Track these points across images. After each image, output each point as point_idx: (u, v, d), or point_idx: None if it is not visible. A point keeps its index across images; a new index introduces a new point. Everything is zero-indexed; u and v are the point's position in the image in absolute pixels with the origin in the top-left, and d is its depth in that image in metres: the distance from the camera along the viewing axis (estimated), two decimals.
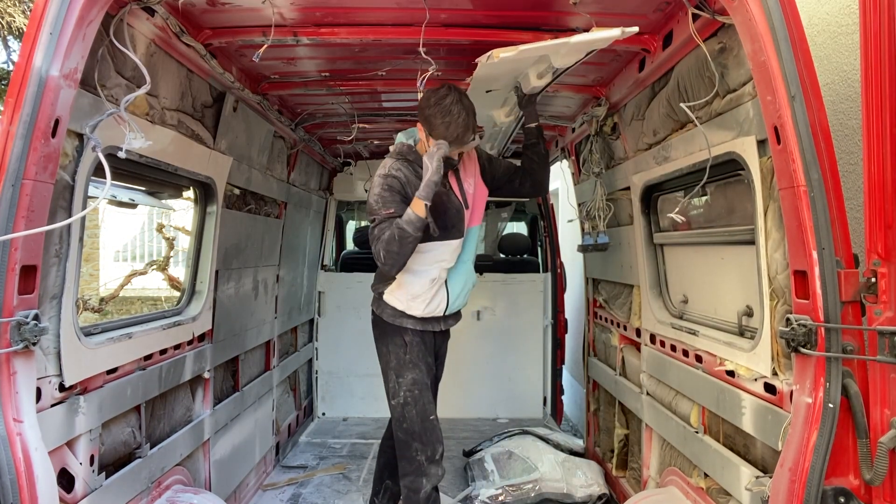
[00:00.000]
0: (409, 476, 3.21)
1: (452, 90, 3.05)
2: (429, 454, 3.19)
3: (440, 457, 3.22)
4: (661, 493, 3.09)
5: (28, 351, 1.88)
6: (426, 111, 3.04)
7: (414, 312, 3.26)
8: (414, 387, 3.24)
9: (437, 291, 3.28)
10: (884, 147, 1.78)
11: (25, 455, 1.79)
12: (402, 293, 3.26)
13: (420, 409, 3.22)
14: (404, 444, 3.24)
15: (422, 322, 3.30)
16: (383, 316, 3.32)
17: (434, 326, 3.37)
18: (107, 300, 8.88)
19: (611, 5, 2.62)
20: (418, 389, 3.24)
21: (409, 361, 3.26)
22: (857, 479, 1.86)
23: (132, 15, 2.32)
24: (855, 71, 2.74)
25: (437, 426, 3.27)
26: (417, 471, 3.18)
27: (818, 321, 1.87)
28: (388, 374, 3.33)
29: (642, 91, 3.24)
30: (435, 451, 3.20)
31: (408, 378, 3.25)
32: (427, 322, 3.32)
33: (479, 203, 3.40)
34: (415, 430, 3.20)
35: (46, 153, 1.89)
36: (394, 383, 3.28)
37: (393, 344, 3.31)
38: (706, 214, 3.13)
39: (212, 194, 3.43)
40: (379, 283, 3.38)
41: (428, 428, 3.22)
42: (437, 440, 3.23)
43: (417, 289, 3.24)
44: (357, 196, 6.33)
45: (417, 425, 3.20)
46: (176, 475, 2.98)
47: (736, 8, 2.05)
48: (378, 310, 3.36)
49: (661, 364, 3.31)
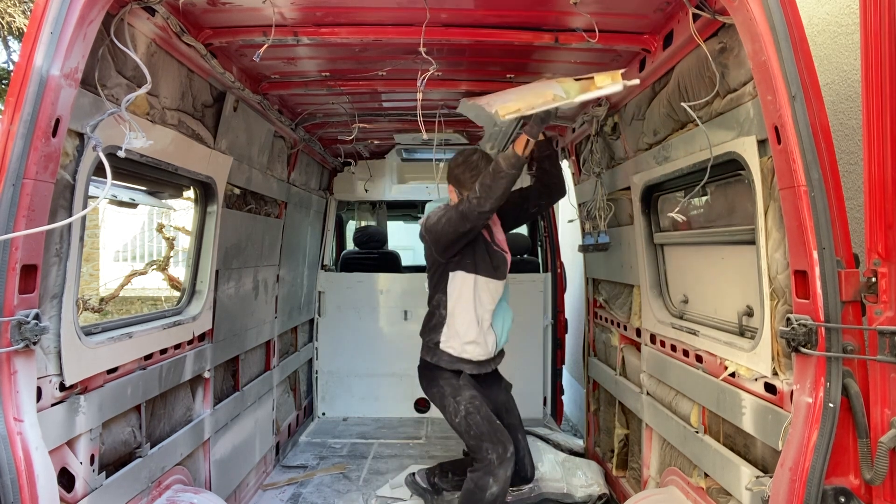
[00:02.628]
0: (478, 472, 3.30)
1: (477, 150, 3.42)
2: (500, 452, 3.27)
3: (511, 455, 3.32)
4: (662, 493, 3.09)
5: (28, 350, 1.88)
6: (455, 170, 3.43)
7: (470, 356, 3.45)
8: (473, 399, 3.39)
9: (487, 334, 3.48)
10: (884, 147, 1.78)
11: (26, 454, 1.79)
12: (457, 341, 3.45)
13: (484, 414, 3.36)
14: (476, 448, 3.34)
15: (477, 366, 3.49)
16: (440, 363, 3.48)
17: (486, 368, 3.55)
18: (107, 300, 8.87)
19: (611, 5, 2.62)
20: (478, 401, 3.38)
21: (463, 386, 3.43)
22: (858, 479, 1.87)
23: (133, 14, 2.32)
24: (855, 71, 2.74)
25: (504, 428, 3.38)
26: (487, 469, 3.27)
27: (818, 321, 1.87)
28: (445, 403, 3.45)
29: (643, 91, 3.24)
30: (506, 450, 3.30)
31: (465, 395, 3.40)
32: (481, 365, 3.51)
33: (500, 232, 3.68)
34: (483, 432, 3.31)
35: (47, 153, 1.89)
36: (453, 406, 3.41)
37: (443, 379, 3.48)
38: (706, 214, 3.13)
39: (212, 194, 3.43)
40: (430, 332, 3.56)
41: (497, 428, 3.34)
42: (507, 440, 3.34)
43: (473, 335, 3.43)
44: (357, 196, 6.33)
45: (485, 427, 3.32)
46: (176, 475, 2.98)
47: (736, 8, 2.05)
48: (433, 358, 3.52)
49: (662, 364, 3.31)
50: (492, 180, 3.01)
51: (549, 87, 2.58)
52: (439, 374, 3.50)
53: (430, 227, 3.38)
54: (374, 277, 6.23)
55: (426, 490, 3.94)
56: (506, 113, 2.40)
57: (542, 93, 2.48)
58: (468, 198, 3.12)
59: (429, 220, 3.43)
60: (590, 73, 2.69)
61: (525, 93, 2.64)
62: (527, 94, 2.52)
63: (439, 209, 3.44)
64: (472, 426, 3.33)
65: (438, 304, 3.53)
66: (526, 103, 2.40)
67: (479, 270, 3.42)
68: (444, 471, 3.92)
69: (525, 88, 2.88)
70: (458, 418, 3.38)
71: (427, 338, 3.58)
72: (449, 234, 3.28)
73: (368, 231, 7.17)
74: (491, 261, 3.47)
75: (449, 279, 3.47)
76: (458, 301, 3.45)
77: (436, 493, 3.93)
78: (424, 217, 3.53)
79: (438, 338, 3.49)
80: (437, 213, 3.41)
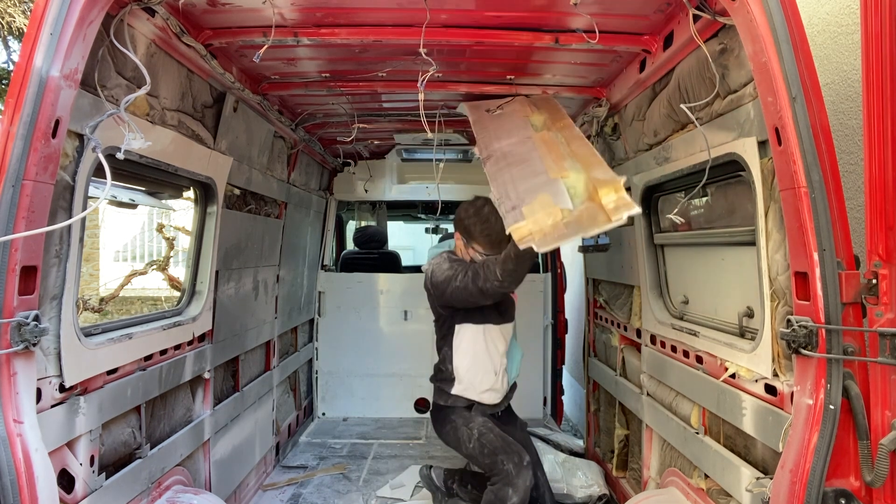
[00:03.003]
0: (497, 484, 3.26)
1: (488, 202, 3.33)
2: (515, 461, 3.25)
3: (528, 464, 3.29)
4: (662, 493, 3.09)
5: (28, 351, 1.88)
6: (465, 221, 3.41)
7: (486, 401, 3.49)
8: (485, 423, 3.42)
9: (500, 379, 3.52)
10: (885, 147, 1.78)
11: (25, 456, 1.78)
12: (472, 392, 3.47)
13: (497, 433, 3.37)
14: (491, 465, 3.30)
15: (493, 407, 3.53)
16: (456, 405, 3.48)
17: (500, 408, 3.59)
18: (107, 300, 8.86)
19: (611, 6, 2.62)
20: (490, 424, 3.42)
21: (474, 415, 3.45)
22: (858, 481, 1.86)
23: (132, 15, 2.32)
24: (855, 71, 2.74)
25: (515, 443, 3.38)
26: (505, 479, 3.23)
27: (819, 322, 1.87)
28: (459, 434, 3.44)
29: (643, 92, 3.24)
30: (521, 459, 3.27)
31: (477, 421, 3.42)
32: (496, 406, 3.55)
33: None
34: (496, 447, 3.30)
35: (47, 154, 1.89)
36: (466, 434, 3.41)
37: (455, 414, 3.48)
38: (707, 215, 3.13)
39: (212, 194, 3.43)
40: (441, 382, 3.56)
41: (509, 442, 3.35)
42: (521, 450, 3.33)
43: (489, 384, 3.47)
44: (357, 196, 6.33)
45: (498, 442, 3.32)
46: (176, 475, 2.98)
47: (737, 9, 2.05)
48: (447, 402, 3.51)
49: (662, 365, 3.31)
50: (515, 265, 2.91)
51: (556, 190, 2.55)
52: (451, 412, 3.50)
53: (438, 285, 3.33)
54: (374, 277, 6.23)
55: (438, 489, 3.92)
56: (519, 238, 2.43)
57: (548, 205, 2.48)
58: (488, 276, 3.04)
59: (434, 275, 3.37)
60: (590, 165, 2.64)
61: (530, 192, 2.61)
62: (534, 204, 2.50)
63: (444, 260, 3.38)
64: (486, 444, 3.32)
65: (444, 359, 3.53)
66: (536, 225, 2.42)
67: (488, 319, 3.42)
68: (465, 481, 3.87)
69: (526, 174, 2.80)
70: (471, 443, 3.36)
71: (438, 385, 3.58)
72: (463, 301, 3.27)
73: (368, 231, 7.17)
74: (498, 308, 3.46)
75: (455, 332, 3.47)
76: (465, 355, 3.46)
77: (448, 495, 3.90)
78: (428, 268, 3.47)
79: (451, 389, 3.50)
80: (441, 266, 3.34)
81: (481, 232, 3.33)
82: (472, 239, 3.38)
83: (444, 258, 3.40)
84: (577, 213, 2.41)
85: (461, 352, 3.46)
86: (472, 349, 3.44)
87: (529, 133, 3.16)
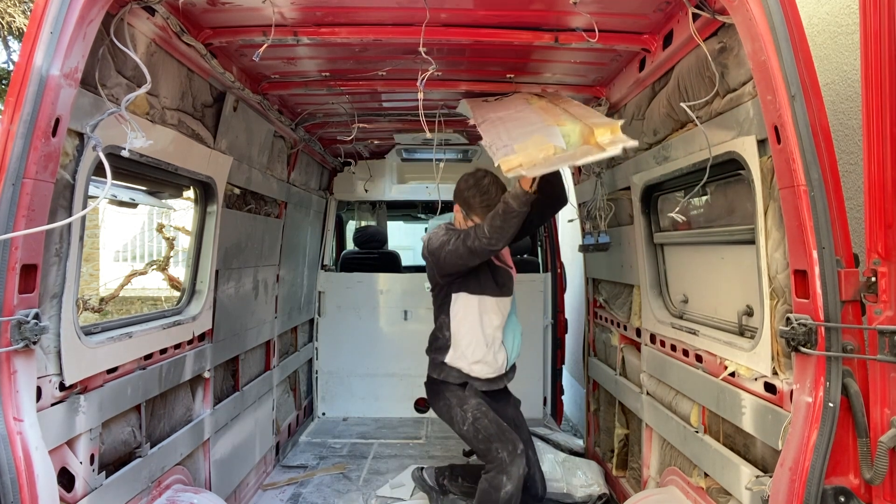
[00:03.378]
0: (491, 472, 3.26)
1: (488, 173, 3.37)
2: (510, 449, 3.25)
3: (521, 452, 3.29)
4: (662, 492, 3.09)
5: (28, 350, 1.88)
6: (465, 192, 3.39)
7: (479, 375, 3.45)
8: (480, 406, 3.39)
9: (495, 353, 3.48)
10: (884, 147, 1.78)
11: (26, 454, 1.79)
12: (464, 361, 3.44)
13: (492, 417, 3.35)
14: (485, 451, 3.31)
15: (486, 383, 3.48)
16: (448, 379, 3.47)
17: (496, 385, 3.53)
18: (107, 300, 8.86)
19: (611, 5, 2.62)
20: (484, 407, 3.39)
21: (469, 395, 3.43)
22: (858, 479, 1.87)
23: (132, 14, 2.32)
24: (855, 71, 2.74)
25: (511, 430, 3.37)
26: (499, 467, 3.23)
27: (818, 320, 1.88)
28: (452, 414, 3.43)
29: (642, 91, 3.24)
30: (516, 447, 3.27)
31: (471, 403, 3.40)
32: (491, 382, 3.50)
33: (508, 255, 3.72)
34: (491, 434, 3.30)
35: (47, 152, 1.89)
36: (459, 415, 3.40)
37: (449, 391, 3.47)
38: (706, 214, 3.13)
39: (212, 194, 3.43)
40: (436, 352, 3.55)
41: (505, 429, 3.33)
42: (516, 438, 3.33)
43: (479, 354, 3.43)
44: (357, 196, 6.33)
45: (493, 429, 3.31)
46: (176, 475, 2.98)
47: (736, 7, 2.05)
48: (440, 374, 3.50)
49: (662, 364, 3.31)
50: (503, 221, 2.97)
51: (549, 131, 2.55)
52: (445, 388, 3.49)
53: (434, 251, 3.36)
54: (374, 277, 6.23)
55: (432, 489, 3.92)
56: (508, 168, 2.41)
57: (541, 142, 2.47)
58: (477, 234, 3.08)
59: (431, 242, 3.40)
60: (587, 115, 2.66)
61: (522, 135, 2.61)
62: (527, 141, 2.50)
63: (441, 230, 3.41)
64: (480, 430, 3.32)
65: (441, 326, 3.54)
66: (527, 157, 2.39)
67: (485, 290, 3.41)
68: (455, 475, 3.89)
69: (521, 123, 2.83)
70: (465, 426, 3.37)
71: (433, 356, 3.58)
72: (454, 265, 3.29)
73: (368, 231, 7.17)
74: (495, 279, 3.46)
75: (452, 300, 3.47)
76: (461, 323, 3.45)
77: (442, 493, 3.91)
78: (426, 237, 3.50)
79: (444, 357, 3.49)
80: (438, 234, 3.38)
81: (480, 203, 3.32)
82: (472, 210, 3.38)
83: (442, 227, 3.45)
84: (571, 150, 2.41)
85: (457, 319, 3.46)
86: (467, 318, 3.43)
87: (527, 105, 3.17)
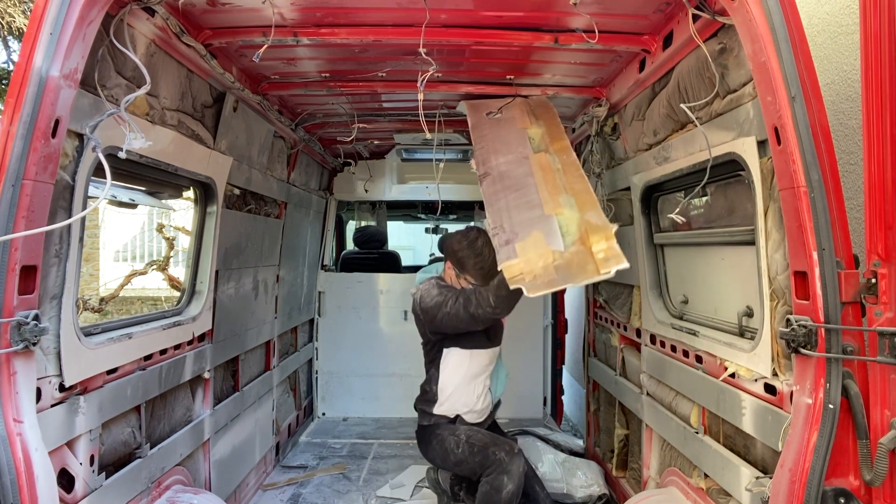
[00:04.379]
0: (492, 474, 3.30)
1: (482, 233, 3.41)
2: (507, 449, 3.34)
3: (519, 451, 3.39)
4: (661, 493, 3.09)
5: (28, 351, 1.88)
6: (459, 253, 3.43)
7: (468, 419, 3.56)
8: (471, 429, 3.49)
9: (484, 398, 3.60)
10: (884, 147, 1.78)
11: (25, 455, 1.78)
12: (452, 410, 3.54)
13: (484, 433, 3.47)
14: (482, 460, 3.35)
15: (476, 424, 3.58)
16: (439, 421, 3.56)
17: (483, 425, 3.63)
18: (107, 300, 8.86)
19: (611, 6, 2.62)
20: (475, 429, 3.49)
21: (458, 426, 3.52)
22: (857, 480, 1.86)
23: (132, 15, 2.32)
24: (855, 71, 2.74)
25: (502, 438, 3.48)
26: (499, 468, 3.28)
27: (818, 322, 1.87)
28: (446, 445, 3.47)
29: (643, 91, 3.24)
30: (512, 448, 3.37)
31: (462, 428, 3.49)
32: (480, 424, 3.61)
33: None
34: (486, 442, 3.39)
35: (46, 153, 1.89)
36: (453, 442, 3.46)
37: (439, 429, 3.54)
38: (706, 215, 3.13)
39: (212, 194, 3.43)
40: (425, 404, 3.63)
41: (498, 438, 3.47)
42: (511, 441, 3.47)
43: (468, 405, 3.54)
44: (357, 196, 6.33)
45: (487, 439, 3.41)
46: (176, 475, 2.98)
47: (736, 8, 2.05)
48: (430, 420, 3.59)
49: (662, 364, 3.31)
50: (508, 292, 2.87)
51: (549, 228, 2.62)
52: (435, 428, 3.56)
53: (427, 310, 3.37)
54: (374, 277, 6.23)
55: (444, 492, 3.91)
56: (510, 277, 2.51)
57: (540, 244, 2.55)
58: (480, 302, 3.09)
59: (423, 300, 3.40)
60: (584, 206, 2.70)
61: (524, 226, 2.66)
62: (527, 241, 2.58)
63: (432, 287, 3.43)
64: (475, 443, 3.38)
65: (430, 380, 3.61)
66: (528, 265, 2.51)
67: (477, 345, 3.49)
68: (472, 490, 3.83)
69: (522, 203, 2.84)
70: (459, 448, 3.40)
71: (421, 408, 3.67)
72: (452, 327, 3.32)
73: (368, 231, 7.17)
74: (487, 334, 3.53)
75: (443, 356, 3.54)
76: (451, 376, 3.52)
77: (454, 499, 3.90)
78: (416, 293, 3.51)
79: (432, 409, 3.58)
80: (430, 293, 3.39)
81: (474, 265, 3.38)
82: (465, 271, 3.43)
83: (433, 284, 3.46)
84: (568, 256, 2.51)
85: (447, 374, 3.53)
86: (459, 373, 3.52)
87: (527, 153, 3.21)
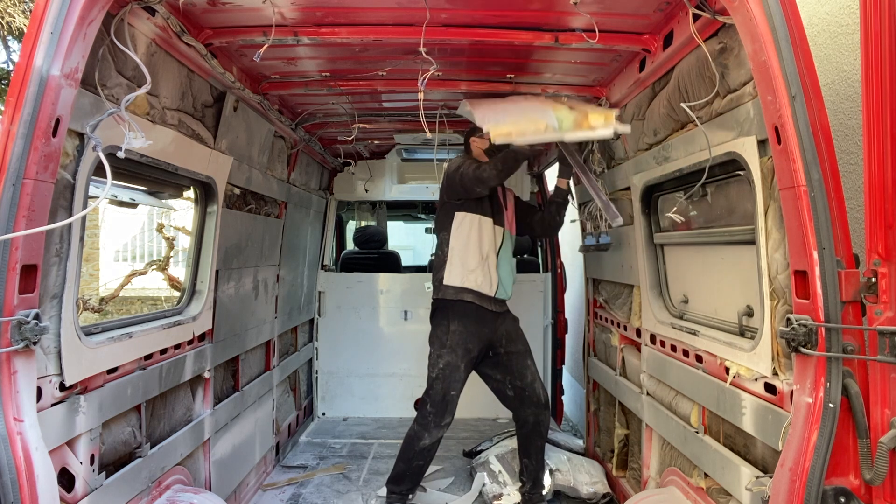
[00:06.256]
0: (416, 428, 3.85)
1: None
2: (437, 420, 3.81)
3: (446, 425, 3.84)
4: (662, 493, 3.09)
5: (28, 350, 1.88)
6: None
7: (471, 285, 3.86)
8: (446, 368, 3.83)
9: (489, 271, 3.91)
10: (884, 147, 1.78)
11: (26, 454, 1.79)
12: (459, 270, 3.88)
13: (445, 385, 3.82)
14: (423, 406, 3.88)
15: (479, 297, 3.87)
16: (445, 296, 3.90)
17: (487, 304, 3.91)
18: (107, 300, 8.86)
19: (611, 5, 2.62)
20: (449, 370, 3.83)
21: (448, 345, 3.85)
22: (858, 479, 1.87)
23: (133, 14, 2.32)
24: (855, 71, 2.74)
25: (455, 402, 3.86)
26: (424, 426, 3.82)
27: (819, 321, 1.87)
28: (432, 350, 3.94)
29: (643, 91, 3.24)
30: (443, 419, 3.82)
31: (444, 359, 3.84)
32: (483, 298, 3.88)
33: (510, 215, 4.17)
34: (435, 400, 3.82)
35: (47, 153, 1.89)
36: (434, 357, 3.91)
37: (441, 328, 3.90)
38: (706, 214, 3.13)
39: (212, 194, 3.43)
40: (437, 271, 4.01)
41: (448, 401, 3.83)
42: (449, 412, 3.84)
43: (473, 263, 3.88)
44: (357, 196, 6.33)
45: (438, 396, 3.81)
46: (176, 475, 2.98)
47: (736, 8, 2.05)
48: (440, 293, 3.95)
49: (662, 364, 3.31)
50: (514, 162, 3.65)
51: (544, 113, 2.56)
52: (441, 315, 3.90)
53: (450, 174, 3.92)
54: (374, 277, 6.23)
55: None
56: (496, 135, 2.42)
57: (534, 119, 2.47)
58: (485, 167, 3.68)
59: (450, 166, 3.97)
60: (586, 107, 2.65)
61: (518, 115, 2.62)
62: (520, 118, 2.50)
63: (460, 158, 4.01)
64: (433, 389, 3.82)
65: (442, 243, 4.00)
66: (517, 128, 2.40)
67: (484, 212, 3.92)
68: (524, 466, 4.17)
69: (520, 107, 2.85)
70: (432, 372, 3.86)
71: (435, 277, 4.01)
72: (463, 185, 3.79)
73: (368, 231, 7.17)
74: (492, 206, 3.98)
75: (454, 219, 3.93)
76: (459, 237, 3.90)
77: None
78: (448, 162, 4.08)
79: (442, 274, 3.92)
80: (456, 161, 3.98)
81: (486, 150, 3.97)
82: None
83: (462, 157, 4.04)
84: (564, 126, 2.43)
85: (456, 235, 3.93)
86: (466, 232, 3.90)
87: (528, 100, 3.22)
